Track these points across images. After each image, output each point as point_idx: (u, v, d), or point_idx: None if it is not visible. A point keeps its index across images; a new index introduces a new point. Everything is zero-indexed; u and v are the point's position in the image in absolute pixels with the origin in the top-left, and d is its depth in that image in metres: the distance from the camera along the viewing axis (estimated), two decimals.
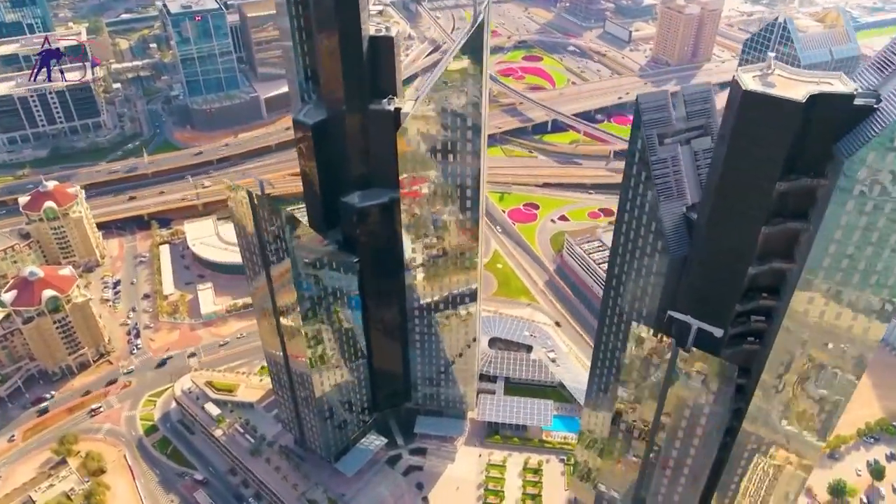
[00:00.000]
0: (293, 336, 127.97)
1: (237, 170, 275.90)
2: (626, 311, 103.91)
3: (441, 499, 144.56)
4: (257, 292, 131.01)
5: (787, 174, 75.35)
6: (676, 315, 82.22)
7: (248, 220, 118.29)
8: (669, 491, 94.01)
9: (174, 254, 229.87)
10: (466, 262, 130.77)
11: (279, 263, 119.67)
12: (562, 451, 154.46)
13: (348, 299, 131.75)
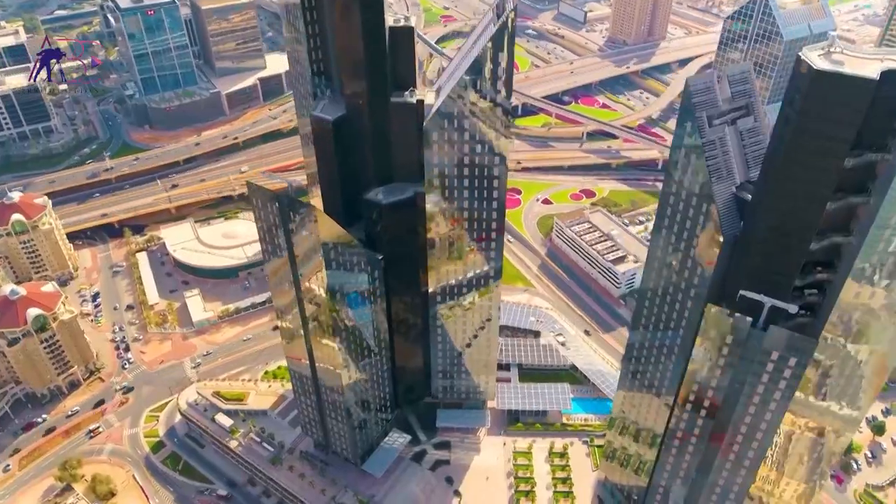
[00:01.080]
0: (321, 337, 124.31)
1: (206, 170, 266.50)
2: (671, 294, 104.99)
3: (472, 491, 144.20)
4: (282, 295, 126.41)
5: (852, 150, 76.96)
6: (749, 294, 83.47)
7: (275, 222, 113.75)
8: (733, 470, 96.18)
9: (153, 261, 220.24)
10: (489, 250, 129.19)
11: (308, 264, 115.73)
12: (584, 432, 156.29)
13: (373, 296, 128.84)
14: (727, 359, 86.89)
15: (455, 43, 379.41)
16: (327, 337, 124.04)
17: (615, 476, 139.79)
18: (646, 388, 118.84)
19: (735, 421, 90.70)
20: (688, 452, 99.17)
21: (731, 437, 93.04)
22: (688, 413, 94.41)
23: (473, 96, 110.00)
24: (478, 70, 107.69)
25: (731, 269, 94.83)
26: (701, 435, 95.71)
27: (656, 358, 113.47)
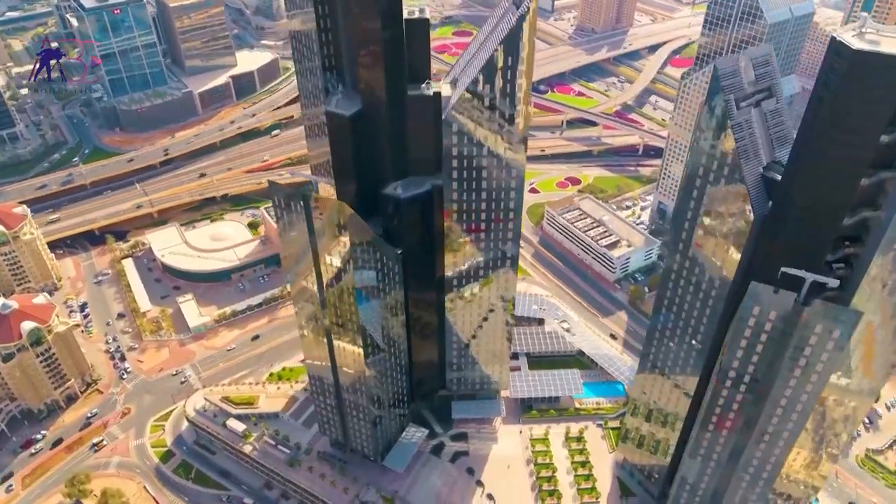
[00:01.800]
0: (344, 333, 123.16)
1: (186, 171, 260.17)
2: (696, 275, 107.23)
3: (494, 480, 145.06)
4: (302, 294, 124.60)
5: (888, 126, 79.68)
6: (791, 270, 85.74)
7: (297, 220, 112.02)
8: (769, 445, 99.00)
9: (140, 267, 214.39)
10: (506, 239, 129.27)
11: (332, 261, 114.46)
12: (597, 416, 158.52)
13: (393, 290, 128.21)
14: (769, 334, 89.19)
15: None
16: (349, 333, 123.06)
17: (634, 457, 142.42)
18: (668, 371, 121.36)
19: (775, 396, 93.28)
20: (724, 429, 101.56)
21: (769, 412, 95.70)
22: (726, 390, 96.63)
23: (494, 86, 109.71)
24: (498, 60, 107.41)
25: (760, 248, 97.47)
26: (739, 411, 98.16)
27: (680, 339, 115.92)
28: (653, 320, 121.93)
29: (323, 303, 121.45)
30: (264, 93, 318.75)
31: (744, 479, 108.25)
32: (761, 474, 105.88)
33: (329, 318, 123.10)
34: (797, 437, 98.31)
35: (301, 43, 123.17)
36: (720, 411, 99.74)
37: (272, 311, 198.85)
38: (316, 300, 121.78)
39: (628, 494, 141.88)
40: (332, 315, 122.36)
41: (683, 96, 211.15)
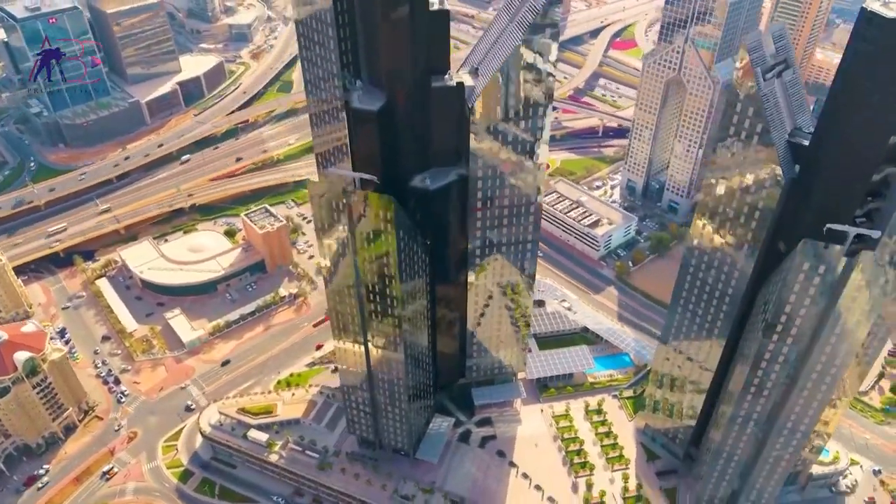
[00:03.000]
0: (383, 327, 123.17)
1: (147, 183, 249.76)
2: (723, 240, 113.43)
3: (526, 460, 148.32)
4: (339, 291, 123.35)
5: None
6: (836, 227, 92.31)
7: (337, 216, 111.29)
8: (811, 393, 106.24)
9: (117, 286, 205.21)
10: (528, 221, 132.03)
11: (374, 258, 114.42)
12: (611, 388, 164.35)
13: (423, 281, 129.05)
14: (818, 287, 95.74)
15: None
16: (387, 326, 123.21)
17: (656, 423, 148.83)
18: (695, 336, 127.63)
19: (821, 346, 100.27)
20: (769, 382, 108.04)
21: (813, 363, 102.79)
22: (773, 344, 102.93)
23: (521, 72, 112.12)
24: (525, 45, 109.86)
25: (789, 209, 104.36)
26: (784, 363, 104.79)
27: (707, 304, 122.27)
28: (676, 289, 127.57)
29: (361, 297, 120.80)
30: (213, 98, 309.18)
31: (781, 434, 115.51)
32: (799, 427, 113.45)
33: (367, 312, 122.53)
34: (835, 386, 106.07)
35: (310, 38, 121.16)
36: (766, 366, 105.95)
37: (266, 318, 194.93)
38: (353, 294, 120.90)
39: (653, 458, 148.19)
40: (370, 309, 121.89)
41: (647, 76, 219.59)
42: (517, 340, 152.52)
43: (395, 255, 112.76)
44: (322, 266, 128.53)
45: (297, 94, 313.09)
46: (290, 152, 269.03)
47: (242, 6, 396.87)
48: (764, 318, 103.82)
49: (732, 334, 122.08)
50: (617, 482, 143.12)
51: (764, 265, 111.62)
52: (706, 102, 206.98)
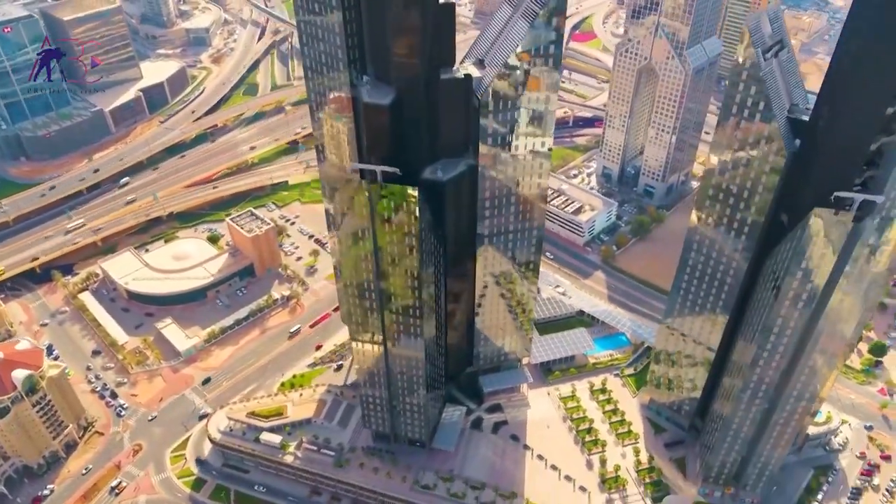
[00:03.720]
0: (402, 318, 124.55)
1: (121, 193, 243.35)
2: (724, 217, 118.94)
3: (539, 441, 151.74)
4: (357, 285, 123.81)
5: None
6: (843, 194, 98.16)
7: (362, 210, 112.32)
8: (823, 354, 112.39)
9: (102, 299, 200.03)
10: (534, 208, 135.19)
11: (396, 250, 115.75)
12: (612, 367, 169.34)
13: (438, 272, 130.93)
14: (828, 252, 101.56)
15: None
16: (406, 318, 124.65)
17: (661, 397, 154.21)
18: (699, 310, 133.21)
19: (832, 308, 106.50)
20: (780, 350, 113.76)
21: (822, 326, 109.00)
22: (785, 309, 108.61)
23: (529, 61, 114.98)
24: (532, 35, 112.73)
25: (790, 180, 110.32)
26: (794, 329, 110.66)
27: (711, 277, 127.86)
28: (680, 266, 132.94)
29: (380, 290, 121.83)
30: (177, 103, 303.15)
31: (789, 401, 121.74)
32: (805, 392, 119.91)
33: (386, 304, 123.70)
34: (842, 349, 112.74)
35: (314, 36, 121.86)
36: (777, 333, 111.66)
37: (261, 322, 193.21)
38: (373, 287, 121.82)
39: (660, 431, 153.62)
40: (390, 301, 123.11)
41: (619, 66, 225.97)
42: (522, 327, 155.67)
43: (419, 246, 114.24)
44: (336, 262, 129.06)
45: (263, 97, 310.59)
46: (263, 155, 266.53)
47: (198, 10, 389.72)
48: (775, 286, 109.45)
49: (736, 309, 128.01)
50: (629, 456, 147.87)
51: (766, 239, 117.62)
52: (678, 88, 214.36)
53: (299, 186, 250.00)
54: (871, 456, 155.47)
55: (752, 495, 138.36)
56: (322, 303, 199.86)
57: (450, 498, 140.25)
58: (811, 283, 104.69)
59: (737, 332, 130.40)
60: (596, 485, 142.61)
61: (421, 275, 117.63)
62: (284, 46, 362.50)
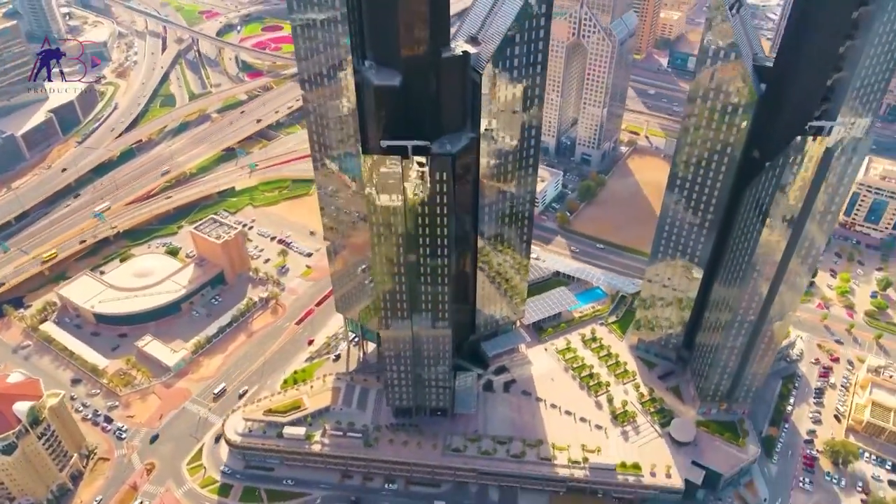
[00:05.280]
0: (430, 289, 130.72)
1: (51, 221, 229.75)
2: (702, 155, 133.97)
3: (549, 393, 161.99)
4: (386, 262, 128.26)
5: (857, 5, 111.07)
6: (818, 122, 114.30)
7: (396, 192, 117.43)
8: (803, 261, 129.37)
9: (67, 327, 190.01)
10: (529, 174, 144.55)
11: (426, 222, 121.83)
12: (596, 318, 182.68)
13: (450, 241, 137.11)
14: (806, 174, 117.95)
15: (232, 37, 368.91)
16: (434, 289, 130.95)
17: (648, 336, 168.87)
18: (682, 249, 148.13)
19: (810, 227, 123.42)
20: (764, 271, 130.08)
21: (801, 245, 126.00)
22: (769, 230, 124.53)
23: (526, 32, 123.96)
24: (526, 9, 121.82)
25: (758, 119, 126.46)
26: (780, 247, 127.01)
27: (693, 214, 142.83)
28: (663, 210, 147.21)
29: (409, 265, 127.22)
30: (91, 122, 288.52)
31: (771, 322, 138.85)
32: (785, 311, 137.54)
33: (415, 277, 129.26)
34: (815, 266, 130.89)
35: (311, 28, 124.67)
36: (765, 252, 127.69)
37: (245, 326, 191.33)
38: (402, 262, 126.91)
39: (652, 366, 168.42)
40: (418, 274, 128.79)
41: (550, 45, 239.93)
42: (517, 291, 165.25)
43: (449, 215, 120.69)
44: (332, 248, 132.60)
45: (183, 107, 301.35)
46: (201, 165, 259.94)
47: (88, 24, 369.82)
48: (760, 212, 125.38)
49: (715, 246, 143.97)
50: (631, 392, 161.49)
51: (740, 174, 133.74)
52: (607, 60, 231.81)
53: (248, 191, 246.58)
54: (824, 360, 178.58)
55: (743, 406, 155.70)
56: (302, 300, 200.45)
57: (481, 455, 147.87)
58: (794, 204, 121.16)
59: (718, 268, 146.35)
60: (609, 421, 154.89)
61: (450, 244, 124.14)
62: (191, 55, 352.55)
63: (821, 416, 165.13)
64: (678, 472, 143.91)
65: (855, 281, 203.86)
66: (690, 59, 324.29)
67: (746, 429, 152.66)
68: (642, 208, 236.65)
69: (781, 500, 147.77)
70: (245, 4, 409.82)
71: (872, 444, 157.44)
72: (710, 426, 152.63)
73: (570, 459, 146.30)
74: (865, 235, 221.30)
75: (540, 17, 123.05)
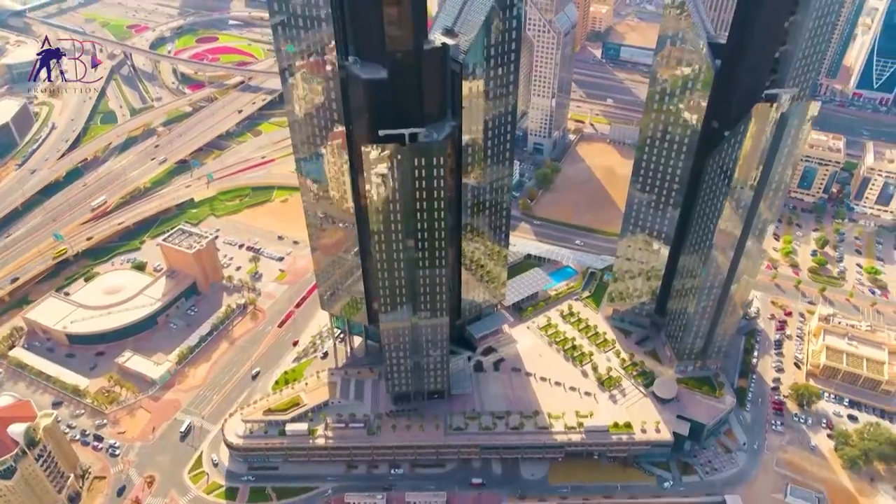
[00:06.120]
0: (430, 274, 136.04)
1: (6, 243, 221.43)
2: (665, 130, 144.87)
3: (537, 367, 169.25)
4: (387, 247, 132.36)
5: None
6: (773, 91, 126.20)
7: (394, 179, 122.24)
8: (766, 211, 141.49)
9: (39, 351, 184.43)
10: (507, 159, 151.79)
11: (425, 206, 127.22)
12: (570, 294, 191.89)
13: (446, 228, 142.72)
14: (765, 138, 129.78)
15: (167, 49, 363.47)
16: (433, 272, 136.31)
17: (622, 306, 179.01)
18: (650, 223, 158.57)
19: (770, 187, 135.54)
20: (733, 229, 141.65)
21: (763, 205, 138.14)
22: (736, 191, 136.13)
23: (501, 23, 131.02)
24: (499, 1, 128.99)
25: (715, 94, 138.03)
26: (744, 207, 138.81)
27: (660, 189, 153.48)
28: (632, 183, 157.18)
29: (408, 249, 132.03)
30: (29, 143, 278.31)
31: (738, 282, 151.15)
32: (749, 272, 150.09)
33: (413, 263, 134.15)
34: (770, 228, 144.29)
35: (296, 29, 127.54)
36: (730, 214, 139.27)
37: (226, 334, 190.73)
38: (401, 248, 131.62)
39: (628, 334, 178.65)
40: (416, 259, 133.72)
41: None
42: (499, 275, 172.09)
43: (446, 200, 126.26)
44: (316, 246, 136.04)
45: (125, 123, 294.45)
46: (155, 178, 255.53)
47: (10, 45, 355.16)
48: (725, 176, 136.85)
49: (684, 210, 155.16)
50: (613, 359, 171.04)
51: (701, 145, 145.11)
52: (553, 53, 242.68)
53: (208, 202, 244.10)
54: (778, 315, 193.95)
55: (715, 362, 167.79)
56: (280, 303, 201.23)
57: (482, 431, 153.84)
58: (756, 167, 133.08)
59: (684, 239, 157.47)
60: (596, 387, 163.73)
61: (448, 230, 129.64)
62: (125, 70, 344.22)
63: (782, 364, 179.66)
64: (666, 427, 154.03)
65: (796, 242, 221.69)
66: (622, 50, 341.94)
67: (721, 381, 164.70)
68: (597, 191, 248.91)
69: (758, 442, 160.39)
70: (174, 17, 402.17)
71: (830, 385, 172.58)
72: (689, 382, 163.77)
73: (566, 426, 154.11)
74: (800, 201, 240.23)
75: (513, 6, 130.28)
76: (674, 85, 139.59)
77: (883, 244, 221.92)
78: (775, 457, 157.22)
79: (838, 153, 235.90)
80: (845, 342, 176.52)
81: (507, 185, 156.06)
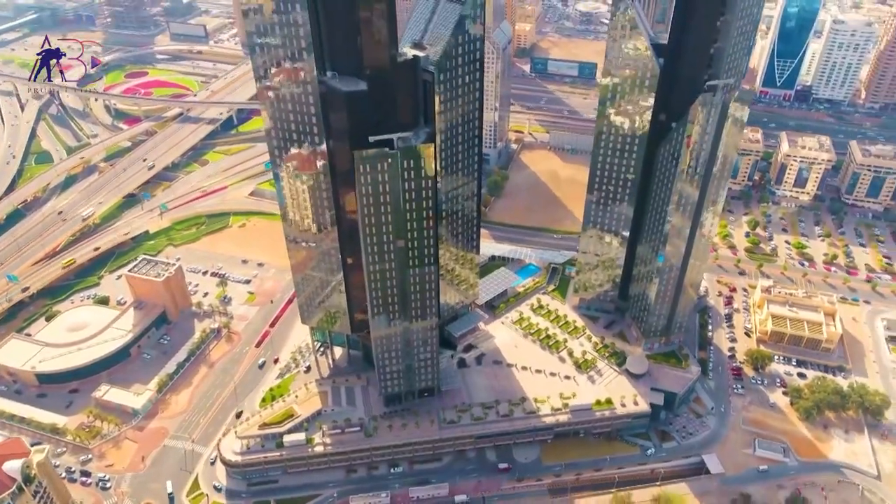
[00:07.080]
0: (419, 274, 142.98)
1: None
2: (618, 126, 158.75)
3: (517, 357, 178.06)
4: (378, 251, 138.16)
5: None
6: (713, 82, 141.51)
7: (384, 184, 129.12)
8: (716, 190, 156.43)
9: (6, 394, 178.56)
10: (474, 165, 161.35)
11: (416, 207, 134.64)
12: (538, 288, 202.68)
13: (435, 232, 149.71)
14: (709, 125, 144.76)
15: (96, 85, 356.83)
16: (423, 272, 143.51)
17: (587, 295, 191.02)
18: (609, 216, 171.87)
19: (718, 169, 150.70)
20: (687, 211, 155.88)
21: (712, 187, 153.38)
22: (688, 175, 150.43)
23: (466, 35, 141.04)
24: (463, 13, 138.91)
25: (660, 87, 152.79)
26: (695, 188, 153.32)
27: (616, 180, 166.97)
28: (591, 176, 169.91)
29: (399, 251, 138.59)
30: None
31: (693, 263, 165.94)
32: (702, 253, 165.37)
33: (404, 263, 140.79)
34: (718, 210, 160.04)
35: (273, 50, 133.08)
36: (682, 196, 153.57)
37: (204, 358, 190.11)
38: (392, 250, 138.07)
39: (595, 319, 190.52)
40: (406, 260, 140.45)
41: None
42: (472, 276, 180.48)
43: (434, 201, 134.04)
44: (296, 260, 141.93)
45: (63, 162, 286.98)
46: (105, 214, 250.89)
47: None
48: (675, 163, 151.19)
49: (640, 203, 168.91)
50: (585, 344, 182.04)
51: (651, 138, 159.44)
52: (494, 67, 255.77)
53: (164, 232, 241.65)
54: (725, 292, 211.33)
55: (678, 337, 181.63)
56: (254, 323, 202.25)
57: (475, 422, 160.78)
58: (703, 153, 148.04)
59: (641, 227, 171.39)
60: (574, 370, 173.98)
61: (436, 234, 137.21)
62: (53, 109, 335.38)
63: (735, 335, 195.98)
64: (643, 399, 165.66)
65: (731, 226, 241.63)
66: (549, 63, 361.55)
67: (686, 353, 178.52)
68: (544, 193, 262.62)
69: (724, 406, 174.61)
70: (99, 54, 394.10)
71: (778, 348, 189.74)
72: (657, 357, 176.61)
73: (552, 408, 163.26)
74: (729, 189, 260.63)
75: (475, 19, 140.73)
76: (623, 85, 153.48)
77: (805, 222, 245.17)
78: (741, 416, 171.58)
79: (758, 143, 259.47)
80: (787, 309, 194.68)
81: (475, 190, 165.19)
